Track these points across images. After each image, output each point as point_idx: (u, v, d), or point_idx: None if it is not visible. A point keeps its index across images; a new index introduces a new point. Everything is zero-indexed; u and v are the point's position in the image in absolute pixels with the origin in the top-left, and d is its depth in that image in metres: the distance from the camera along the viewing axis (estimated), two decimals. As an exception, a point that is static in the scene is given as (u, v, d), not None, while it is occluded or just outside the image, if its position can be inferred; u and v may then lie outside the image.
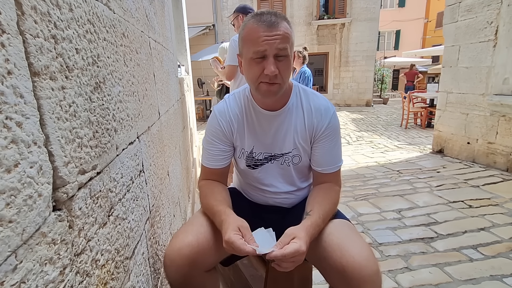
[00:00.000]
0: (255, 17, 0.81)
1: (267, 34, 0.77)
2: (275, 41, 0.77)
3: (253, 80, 0.83)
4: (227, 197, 0.91)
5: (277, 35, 0.77)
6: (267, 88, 0.82)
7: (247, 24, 0.82)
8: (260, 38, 0.77)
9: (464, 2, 3.23)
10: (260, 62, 0.80)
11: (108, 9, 0.64)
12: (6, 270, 0.30)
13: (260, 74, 0.80)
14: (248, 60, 0.82)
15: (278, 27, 0.78)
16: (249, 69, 0.83)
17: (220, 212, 0.80)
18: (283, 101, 0.92)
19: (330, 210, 0.85)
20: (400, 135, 5.93)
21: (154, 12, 1.24)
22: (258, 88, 0.83)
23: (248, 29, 0.81)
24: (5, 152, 0.31)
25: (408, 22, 18.02)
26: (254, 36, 0.79)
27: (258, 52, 0.78)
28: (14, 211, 0.31)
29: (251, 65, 0.81)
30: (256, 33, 0.78)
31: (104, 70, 0.59)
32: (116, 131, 0.64)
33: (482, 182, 2.63)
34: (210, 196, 0.90)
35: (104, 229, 0.55)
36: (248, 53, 0.81)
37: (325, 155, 0.92)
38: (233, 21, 2.44)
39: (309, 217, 0.80)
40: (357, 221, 2.10)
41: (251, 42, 0.80)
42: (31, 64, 0.36)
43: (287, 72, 0.82)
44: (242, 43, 0.84)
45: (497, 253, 1.62)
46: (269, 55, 0.78)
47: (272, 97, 0.85)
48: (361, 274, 0.69)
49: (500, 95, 2.87)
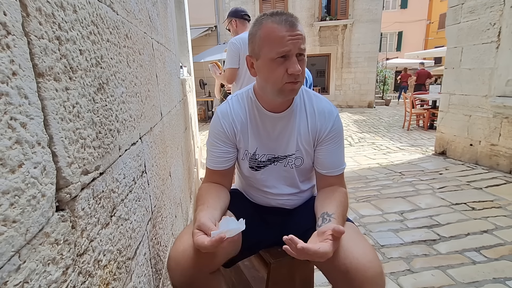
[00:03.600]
0: (272, 17, 0.80)
1: (290, 34, 0.77)
2: (298, 40, 0.77)
3: (276, 81, 0.81)
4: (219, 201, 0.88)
5: (299, 35, 0.78)
6: (292, 87, 0.81)
7: (265, 24, 0.80)
8: (285, 38, 0.77)
9: (467, 4, 3.22)
10: (282, 62, 0.79)
11: (111, 10, 0.64)
12: (9, 270, 0.30)
13: (283, 74, 0.79)
14: (268, 61, 0.80)
15: (298, 27, 0.78)
16: (270, 70, 0.81)
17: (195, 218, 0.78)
18: (288, 103, 0.91)
19: (346, 213, 0.85)
20: (402, 137, 5.91)
21: (157, 13, 1.24)
22: (282, 88, 0.82)
23: (267, 28, 0.80)
24: (10, 153, 0.31)
25: (410, 23, 17.98)
26: (278, 36, 0.77)
27: (282, 52, 0.78)
28: (18, 211, 0.32)
29: (272, 66, 0.80)
30: (279, 32, 0.77)
31: (107, 71, 0.59)
32: (119, 131, 0.64)
33: (485, 184, 2.62)
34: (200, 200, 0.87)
35: (107, 230, 0.55)
36: (270, 53, 0.79)
37: (329, 157, 0.92)
38: (227, 26, 2.39)
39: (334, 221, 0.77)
40: (359, 223, 2.09)
41: (274, 42, 0.78)
42: (36, 65, 0.36)
43: (304, 71, 0.83)
44: (260, 43, 0.81)
45: (500, 255, 1.61)
46: (293, 54, 0.78)
47: (294, 95, 0.87)
48: (364, 275, 0.69)
49: (503, 97, 2.86)
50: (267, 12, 0.83)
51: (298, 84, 0.82)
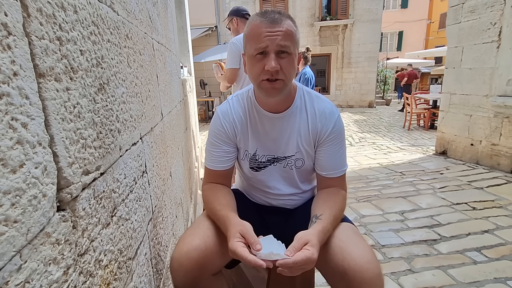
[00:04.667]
0: (259, 15, 0.80)
1: (269, 30, 0.76)
2: (276, 37, 0.76)
3: (255, 78, 0.82)
4: (231, 200, 0.90)
5: (279, 31, 0.76)
6: (269, 86, 0.80)
7: (251, 22, 0.81)
8: (262, 34, 0.77)
9: (467, 3, 3.22)
10: (261, 59, 0.78)
11: (112, 11, 0.64)
12: (11, 270, 0.30)
13: (261, 71, 0.79)
14: (250, 57, 0.81)
15: (281, 23, 0.77)
16: (251, 66, 0.82)
17: (224, 217, 0.79)
18: (287, 104, 0.90)
19: (339, 215, 0.84)
20: (403, 137, 5.90)
21: (157, 13, 1.25)
22: (260, 86, 0.82)
23: (251, 25, 0.81)
24: (11, 153, 0.31)
25: (411, 23, 17.97)
26: (257, 32, 0.78)
27: (259, 48, 0.77)
28: (19, 211, 0.32)
29: (253, 62, 0.81)
30: (258, 29, 0.78)
31: (108, 71, 0.59)
32: (120, 132, 0.64)
33: (486, 184, 2.62)
34: (213, 200, 0.88)
35: (107, 230, 0.55)
36: (250, 50, 0.80)
37: (330, 159, 0.90)
38: (228, 24, 2.38)
39: (320, 222, 0.77)
40: (360, 222, 2.09)
41: (253, 39, 0.79)
42: (37, 65, 0.36)
43: (290, 69, 0.80)
44: (245, 40, 0.84)
45: (501, 255, 1.61)
46: (271, 51, 0.77)
47: (276, 95, 0.82)
48: (362, 277, 0.69)
49: (504, 97, 2.85)
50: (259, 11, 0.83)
51: (278, 83, 0.80)
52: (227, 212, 0.81)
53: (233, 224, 0.75)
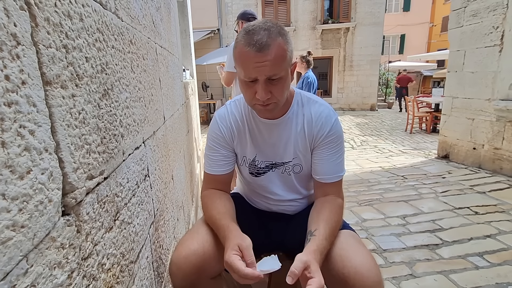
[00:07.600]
0: (246, 37, 0.74)
1: (257, 60, 0.73)
2: (264, 67, 0.73)
3: (247, 100, 0.84)
4: (230, 208, 0.89)
5: (267, 61, 0.72)
6: (262, 108, 0.81)
7: (238, 44, 0.76)
8: (250, 64, 0.74)
9: (470, 7, 3.22)
10: (252, 85, 0.77)
11: (116, 17, 0.65)
12: (18, 274, 0.31)
13: (253, 97, 0.79)
14: (241, 80, 0.80)
15: (269, 50, 0.72)
16: (242, 89, 0.82)
17: (223, 227, 0.79)
18: (283, 110, 0.90)
19: (336, 227, 0.81)
20: (405, 140, 5.89)
21: (161, 18, 1.26)
22: (253, 107, 0.85)
23: (239, 50, 0.76)
24: (19, 160, 0.32)
25: (413, 26, 17.98)
26: (244, 60, 0.75)
27: (249, 78, 0.76)
28: (26, 216, 0.32)
29: (244, 87, 0.80)
30: (246, 57, 0.74)
31: (112, 77, 0.60)
32: (123, 136, 0.65)
33: (488, 188, 2.60)
34: (212, 208, 0.87)
35: (110, 234, 0.56)
36: (240, 75, 0.79)
37: (325, 163, 0.88)
38: (235, 27, 2.48)
39: (314, 239, 0.74)
40: (361, 226, 2.09)
41: (242, 66, 0.77)
42: (44, 73, 0.37)
43: (282, 91, 0.79)
44: (234, 61, 0.80)
45: (503, 260, 1.60)
46: (260, 80, 0.75)
47: (268, 115, 0.86)
48: (363, 284, 0.69)
49: (506, 100, 2.85)
50: (248, 27, 0.77)
51: (271, 105, 0.80)
52: (227, 222, 0.80)
53: (233, 236, 0.75)
